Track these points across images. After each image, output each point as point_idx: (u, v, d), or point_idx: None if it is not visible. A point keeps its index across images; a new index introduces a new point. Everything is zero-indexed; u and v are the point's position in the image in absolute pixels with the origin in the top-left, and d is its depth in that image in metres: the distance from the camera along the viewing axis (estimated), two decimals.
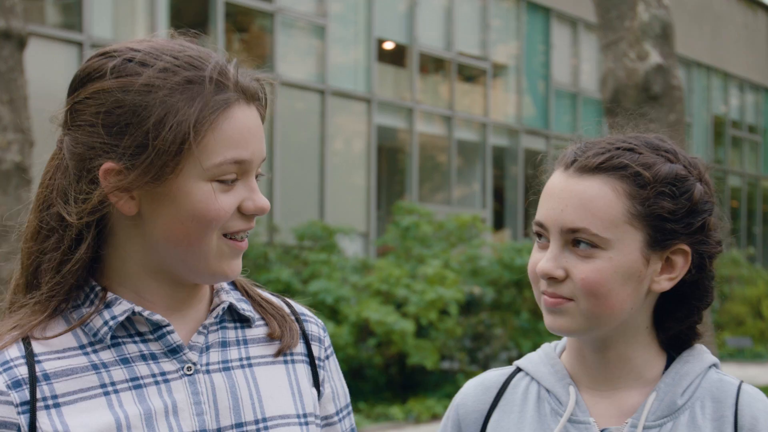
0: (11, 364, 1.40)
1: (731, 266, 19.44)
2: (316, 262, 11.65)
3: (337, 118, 15.16)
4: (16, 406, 1.38)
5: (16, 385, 1.39)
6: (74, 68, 11.46)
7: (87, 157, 1.41)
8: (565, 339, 1.72)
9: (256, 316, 1.57)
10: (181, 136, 1.38)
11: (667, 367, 1.64)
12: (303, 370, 1.57)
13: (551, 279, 1.56)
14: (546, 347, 1.74)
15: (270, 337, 1.55)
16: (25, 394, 1.39)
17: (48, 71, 11.02)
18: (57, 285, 1.44)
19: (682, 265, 1.59)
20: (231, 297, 1.54)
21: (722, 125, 25.13)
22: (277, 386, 1.52)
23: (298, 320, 1.62)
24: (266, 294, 1.63)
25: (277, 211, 13.65)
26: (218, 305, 1.52)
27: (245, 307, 1.55)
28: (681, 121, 8.26)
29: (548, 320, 1.59)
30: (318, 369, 1.60)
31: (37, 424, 1.38)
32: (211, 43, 1.52)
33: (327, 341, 1.64)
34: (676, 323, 1.65)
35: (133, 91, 1.39)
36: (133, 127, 1.38)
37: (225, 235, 1.44)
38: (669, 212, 1.56)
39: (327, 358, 1.63)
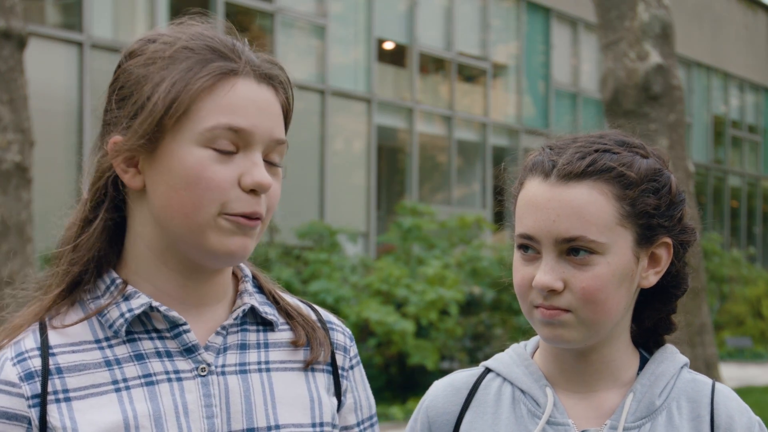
0: (26, 355, 1.40)
1: (731, 266, 19.45)
2: (316, 261, 11.65)
3: (337, 118, 15.16)
4: (27, 398, 1.38)
5: (28, 377, 1.39)
6: (74, 68, 11.49)
7: (103, 134, 1.45)
8: (535, 339, 1.71)
9: (281, 320, 1.54)
10: (172, 97, 1.38)
11: (640, 367, 1.65)
12: (323, 379, 1.54)
13: (550, 292, 1.54)
14: (516, 347, 1.72)
15: (294, 345, 1.53)
16: (37, 386, 1.38)
17: (48, 71, 11.02)
18: (73, 259, 1.45)
19: (666, 258, 1.60)
20: (254, 299, 1.52)
21: (722, 125, 25.13)
22: (294, 393, 1.49)
23: (324, 328, 1.59)
24: (294, 300, 1.60)
25: (277, 211, 13.64)
26: (239, 307, 1.50)
27: (268, 311, 1.53)
28: (681, 121, 8.26)
29: (545, 332, 1.57)
30: (341, 378, 1.57)
31: (48, 418, 1.37)
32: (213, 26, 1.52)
33: (353, 351, 1.62)
34: (654, 313, 1.65)
35: (139, 65, 1.42)
36: (134, 96, 1.41)
37: (228, 215, 1.40)
38: (654, 208, 1.56)
39: (351, 368, 1.60)
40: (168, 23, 1.50)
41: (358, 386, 1.61)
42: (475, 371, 1.73)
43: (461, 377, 1.73)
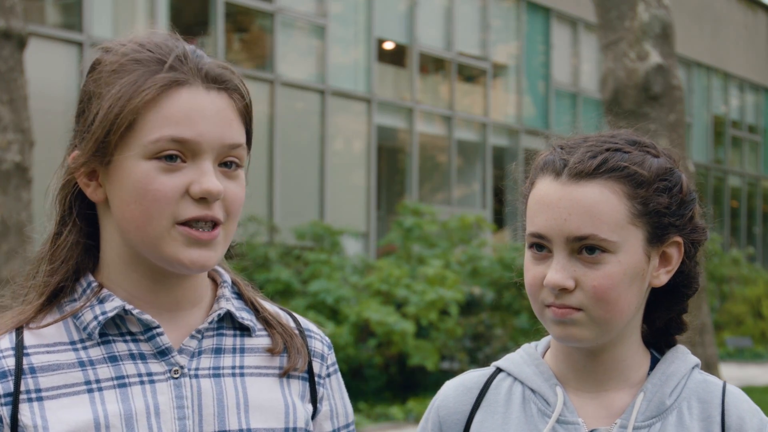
0: (0, 355, 1.42)
1: (731, 266, 19.45)
2: (316, 262, 11.65)
3: (337, 118, 15.16)
4: (0, 397, 1.40)
5: (1, 376, 1.40)
6: (74, 68, 11.49)
7: (68, 149, 1.48)
8: (546, 339, 1.71)
9: (258, 326, 1.55)
10: (115, 112, 1.39)
11: (651, 367, 1.64)
12: (298, 386, 1.55)
13: (561, 290, 1.55)
14: (527, 347, 1.72)
15: (271, 352, 1.53)
16: (10, 385, 1.40)
17: (48, 71, 11.02)
18: (49, 271, 1.47)
19: (677, 257, 1.60)
20: (231, 305, 1.52)
21: (722, 125, 25.13)
22: (268, 398, 1.50)
23: (302, 335, 1.60)
24: (274, 308, 1.61)
25: (277, 211, 13.65)
26: (215, 311, 1.50)
27: (245, 316, 1.54)
28: (681, 121, 8.26)
29: (557, 331, 1.57)
30: (317, 386, 1.58)
31: (19, 416, 1.39)
32: (210, 43, 1.52)
33: (330, 359, 1.62)
34: (665, 313, 1.65)
35: (92, 81, 1.45)
36: (86, 112, 1.44)
37: (181, 225, 1.40)
38: (665, 207, 1.56)
39: (328, 376, 1.61)
40: (130, 32, 1.51)
41: (335, 394, 1.61)
42: (487, 371, 1.73)
43: (472, 377, 1.73)
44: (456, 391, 1.71)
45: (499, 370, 1.72)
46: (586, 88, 20.04)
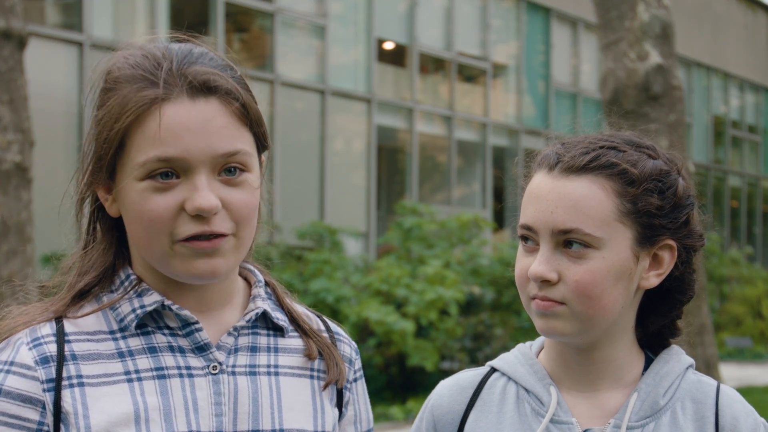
0: (42, 340, 1.42)
1: (731, 266, 19.45)
2: (317, 261, 11.66)
3: (337, 118, 15.16)
4: (42, 382, 1.39)
5: (44, 361, 1.40)
6: (74, 68, 11.49)
7: (78, 167, 1.51)
8: (541, 338, 1.71)
9: (290, 327, 1.55)
10: (104, 135, 1.40)
11: (645, 367, 1.64)
12: (328, 389, 1.55)
13: (544, 282, 1.55)
14: (521, 347, 1.72)
15: (307, 357, 1.54)
16: (52, 371, 1.40)
17: (48, 71, 11.02)
18: (79, 272, 1.48)
19: (669, 261, 1.59)
20: (267, 305, 1.52)
21: (722, 125, 25.13)
22: (300, 400, 1.51)
23: (332, 339, 1.60)
24: (304, 310, 1.61)
25: (277, 211, 13.65)
26: (252, 310, 1.50)
27: (280, 317, 1.54)
28: (681, 121, 8.27)
29: (540, 323, 1.58)
30: (344, 390, 1.58)
31: (62, 403, 1.39)
32: (210, 44, 1.51)
33: (357, 364, 1.63)
34: (659, 318, 1.65)
35: (96, 98, 1.46)
36: (89, 132, 1.46)
37: (182, 241, 1.39)
38: (657, 208, 1.56)
39: (355, 380, 1.62)
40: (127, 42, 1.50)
41: (360, 399, 1.62)
42: (481, 371, 1.73)
43: (467, 376, 1.73)
44: (450, 390, 1.72)
45: (493, 370, 1.72)
46: (586, 88, 20.04)
